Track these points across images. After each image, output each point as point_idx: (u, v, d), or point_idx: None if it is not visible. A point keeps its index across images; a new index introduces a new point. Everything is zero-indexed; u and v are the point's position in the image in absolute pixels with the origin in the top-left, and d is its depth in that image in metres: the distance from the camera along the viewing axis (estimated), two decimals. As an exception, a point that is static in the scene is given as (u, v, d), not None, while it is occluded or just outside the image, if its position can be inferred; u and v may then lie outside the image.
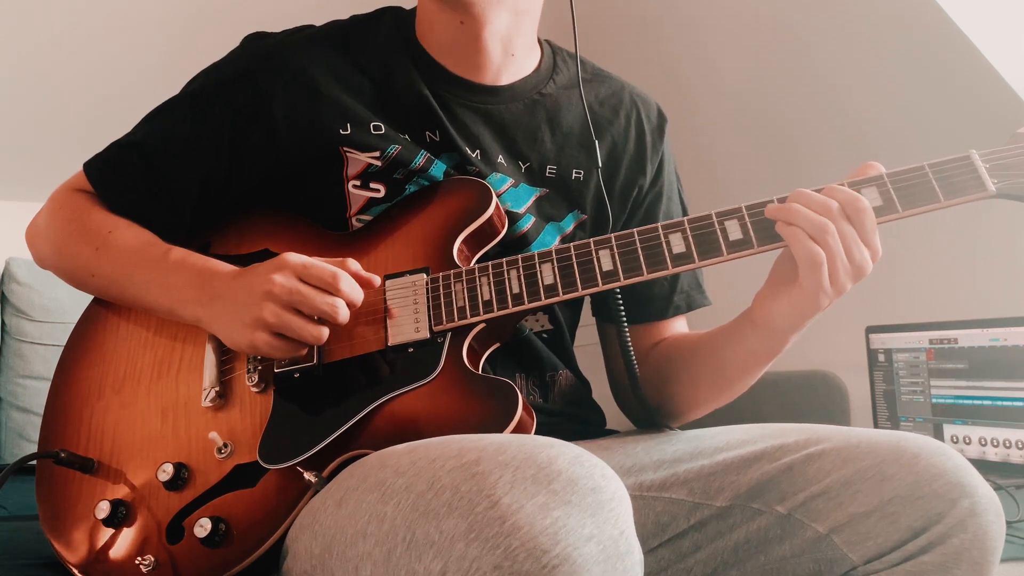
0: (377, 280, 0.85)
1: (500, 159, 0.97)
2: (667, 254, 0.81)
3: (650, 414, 1.00)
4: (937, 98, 1.84)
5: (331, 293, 0.80)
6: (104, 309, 0.98)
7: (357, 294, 0.82)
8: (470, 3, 0.91)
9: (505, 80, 0.99)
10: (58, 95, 2.09)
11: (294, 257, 0.81)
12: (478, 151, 0.96)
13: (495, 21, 0.94)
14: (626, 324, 0.95)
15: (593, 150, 0.99)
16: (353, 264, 0.83)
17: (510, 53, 0.98)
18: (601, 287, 0.82)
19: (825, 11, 1.96)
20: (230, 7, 2.09)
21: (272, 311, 0.79)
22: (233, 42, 1.01)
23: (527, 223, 0.96)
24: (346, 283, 0.81)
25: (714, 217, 0.82)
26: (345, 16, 1.03)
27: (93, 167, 0.98)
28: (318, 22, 1.02)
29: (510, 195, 0.96)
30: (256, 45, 0.98)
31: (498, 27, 0.95)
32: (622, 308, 0.94)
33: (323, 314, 0.80)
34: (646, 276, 0.82)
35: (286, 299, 0.79)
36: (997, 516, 0.75)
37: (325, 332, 0.81)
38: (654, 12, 2.37)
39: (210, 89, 0.97)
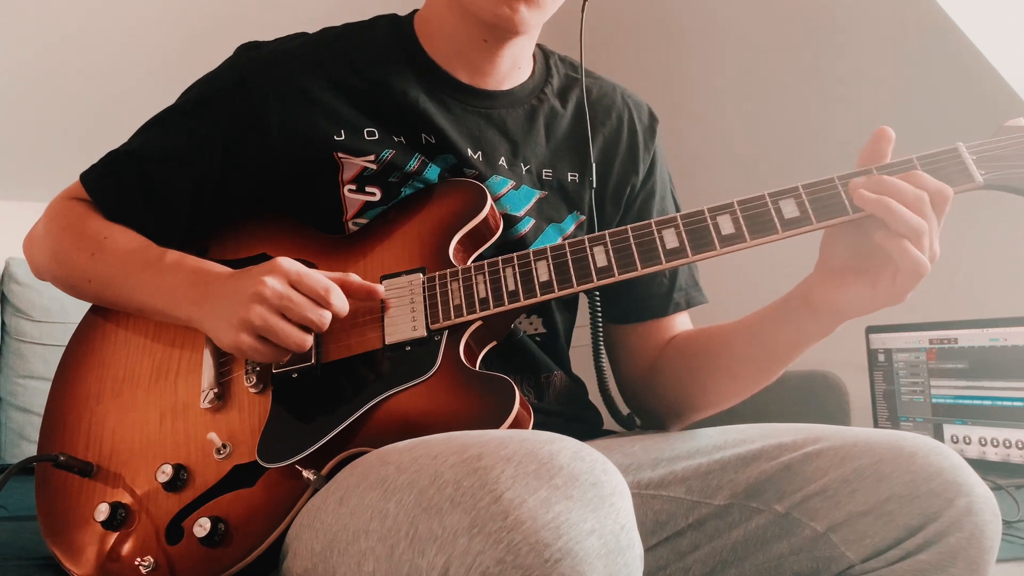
0: (382, 290, 0.85)
1: (502, 161, 0.97)
2: (660, 249, 0.82)
3: (614, 412, 1.01)
4: (936, 97, 1.85)
5: (321, 306, 0.81)
6: (103, 314, 0.98)
7: (345, 308, 0.82)
8: (514, 31, 0.91)
9: (506, 86, 1.00)
10: (58, 96, 2.09)
11: (288, 263, 0.82)
12: (480, 152, 0.96)
13: (517, 42, 0.96)
14: (601, 321, 0.97)
15: (585, 152, 1.00)
16: (355, 279, 0.84)
17: (517, 66, 1.00)
18: (596, 283, 0.82)
19: (824, 9, 1.96)
20: (231, 13, 2.10)
21: (259, 314, 0.79)
22: (234, 47, 1.01)
23: (526, 226, 0.97)
24: (337, 298, 0.81)
25: (706, 212, 0.82)
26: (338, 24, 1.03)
27: (89, 176, 0.99)
28: (314, 29, 1.02)
29: (510, 197, 0.97)
30: (249, 54, 0.98)
31: (515, 45, 0.97)
32: (599, 305, 0.96)
33: (309, 323, 0.80)
34: (640, 271, 0.82)
35: (275, 303, 0.80)
36: (993, 515, 0.75)
37: (309, 340, 0.81)
38: (650, 9, 2.37)
39: (205, 99, 0.97)
